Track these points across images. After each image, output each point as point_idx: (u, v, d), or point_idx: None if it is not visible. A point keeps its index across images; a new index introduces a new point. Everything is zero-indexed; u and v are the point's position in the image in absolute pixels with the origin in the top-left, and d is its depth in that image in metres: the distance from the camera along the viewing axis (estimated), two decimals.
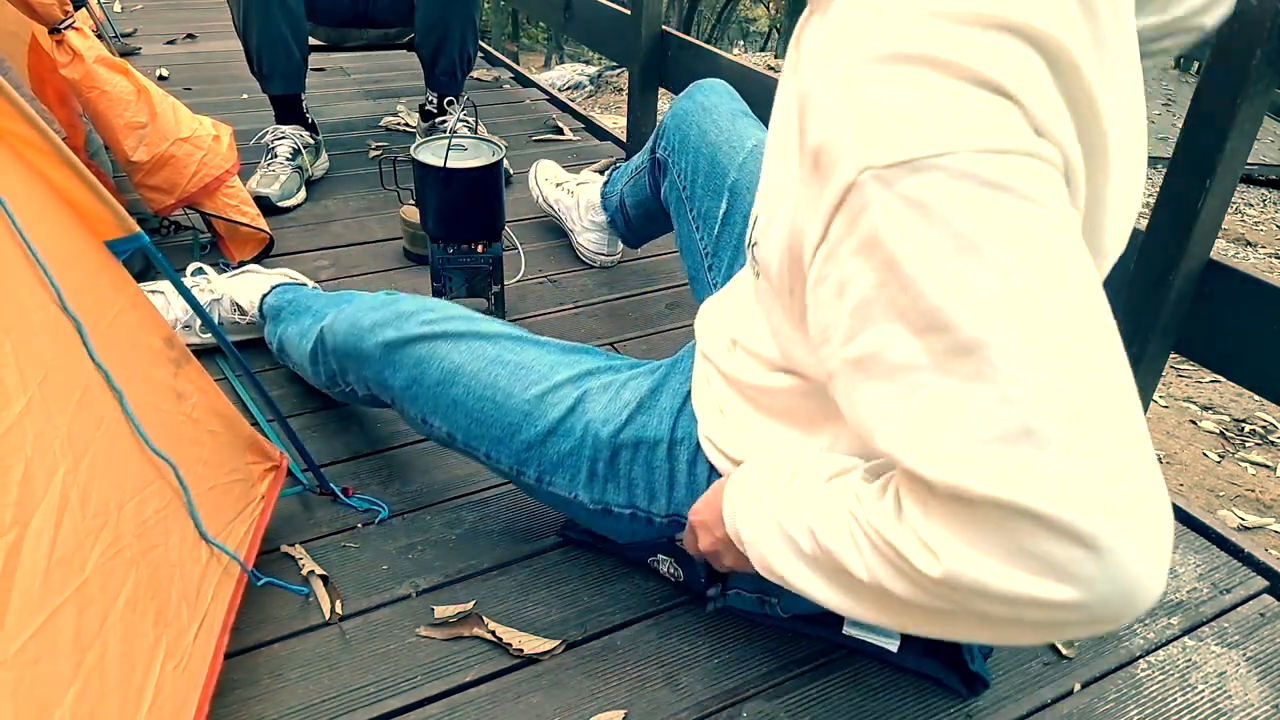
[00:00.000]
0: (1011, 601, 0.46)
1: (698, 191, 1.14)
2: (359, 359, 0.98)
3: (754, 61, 5.75)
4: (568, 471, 0.89)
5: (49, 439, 0.61)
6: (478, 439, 0.92)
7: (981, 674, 0.85)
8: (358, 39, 2.18)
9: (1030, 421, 0.44)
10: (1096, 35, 0.50)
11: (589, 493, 0.89)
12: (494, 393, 0.90)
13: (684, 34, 2.15)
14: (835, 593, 0.59)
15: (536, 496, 0.95)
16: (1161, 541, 0.44)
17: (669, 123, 1.23)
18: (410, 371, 0.94)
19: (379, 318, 0.97)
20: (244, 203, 1.56)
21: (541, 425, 0.88)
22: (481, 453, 0.93)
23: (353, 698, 0.84)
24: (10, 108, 0.67)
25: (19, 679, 0.54)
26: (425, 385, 0.93)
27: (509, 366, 0.91)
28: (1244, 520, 2.07)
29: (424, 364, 0.93)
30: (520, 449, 0.90)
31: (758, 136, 1.13)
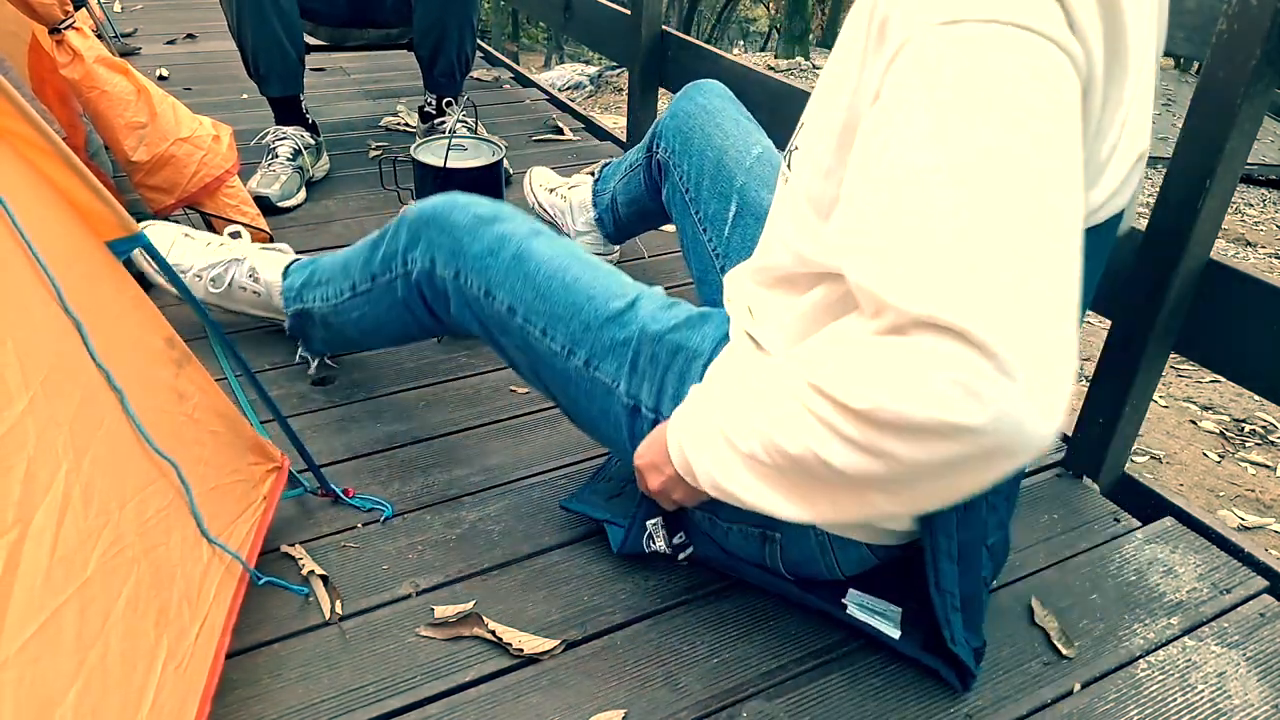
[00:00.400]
0: (922, 431, 0.51)
1: (703, 194, 1.17)
2: (443, 227, 1.01)
3: (754, 61, 5.75)
4: (616, 359, 0.92)
5: (51, 438, 0.61)
6: (538, 314, 0.95)
7: (964, 660, 0.85)
8: (358, 39, 2.18)
9: (978, 260, 0.50)
10: None
11: (628, 384, 0.91)
12: (564, 275, 0.95)
13: (684, 34, 2.15)
14: (781, 494, 0.65)
15: (575, 387, 0.96)
16: (1059, 394, 0.50)
17: (668, 124, 1.24)
18: (490, 244, 0.98)
19: (470, 197, 1.04)
20: (244, 203, 1.57)
21: (603, 310, 0.93)
22: (537, 329, 0.96)
23: (353, 698, 0.84)
24: (10, 108, 0.67)
25: (20, 677, 0.54)
26: (501, 259, 0.98)
27: (580, 261, 0.97)
28: (1244, 520, 2.07)
29: (504, 240, 0.98)
30: (579, 329, 0.93)
31: (763, 143, 1.17)
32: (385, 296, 1.09)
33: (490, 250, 0.98)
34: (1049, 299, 0.50)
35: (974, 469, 0.53)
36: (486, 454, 1.18)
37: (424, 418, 1.24)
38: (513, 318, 0.97)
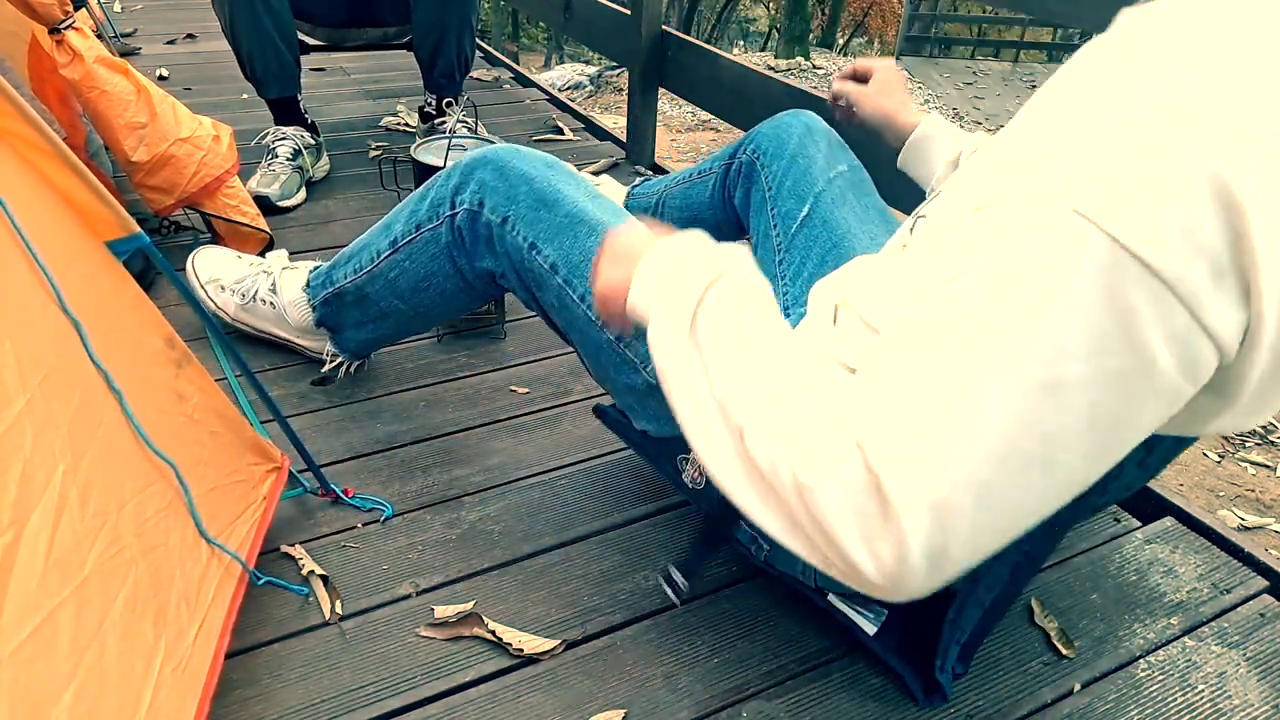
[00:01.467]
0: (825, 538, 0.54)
1: (783, 193, 1.20)
2: (500, 170, 1.02)
3: (754, 61, 5.76)
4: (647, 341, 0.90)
5: (49, 439, 0.61)
6: (581, 278, 0.95)
7: (944, 686, 0.84)
8: (357, 39, 2.18)
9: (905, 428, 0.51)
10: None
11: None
12: None
13: (684, 34, 2.15)
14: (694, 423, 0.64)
15: (604, 355, 0.96)
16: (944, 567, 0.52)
17: (766, 130, 1.28)
18: (546, 196, 0.99)
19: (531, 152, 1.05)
20: (244, 203, 1.56)
21: None
22: (577, 293, 0.96)
23: (353, 698, 0.84)
24: (10, 108, 0.67)
25: (15, 679, 0.54)
26: (554, 213, 0.98)
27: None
28: (1244, 520, 2.07)
29: (560, 198, 0.99)
30: None
31: (851, 164, 1.20)
32: (429, 247, 1.08)
33: (545, 203, 0.98)
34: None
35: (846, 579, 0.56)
36: (486, 454, 1.18)
37: (424, 418, 1.24)
38: (554, 276, 0.97)
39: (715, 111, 2.02)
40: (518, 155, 1.03)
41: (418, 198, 1.11)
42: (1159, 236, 0.46)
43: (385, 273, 1.13)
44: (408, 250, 1.10)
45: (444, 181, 1.07)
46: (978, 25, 11.79)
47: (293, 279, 1.28)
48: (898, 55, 8.89)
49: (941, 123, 1.09)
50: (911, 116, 1.11)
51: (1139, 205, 0.46)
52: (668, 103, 6.62)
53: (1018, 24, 9.57)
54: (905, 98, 1.14)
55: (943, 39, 9.48)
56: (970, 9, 13.14)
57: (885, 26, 14.53)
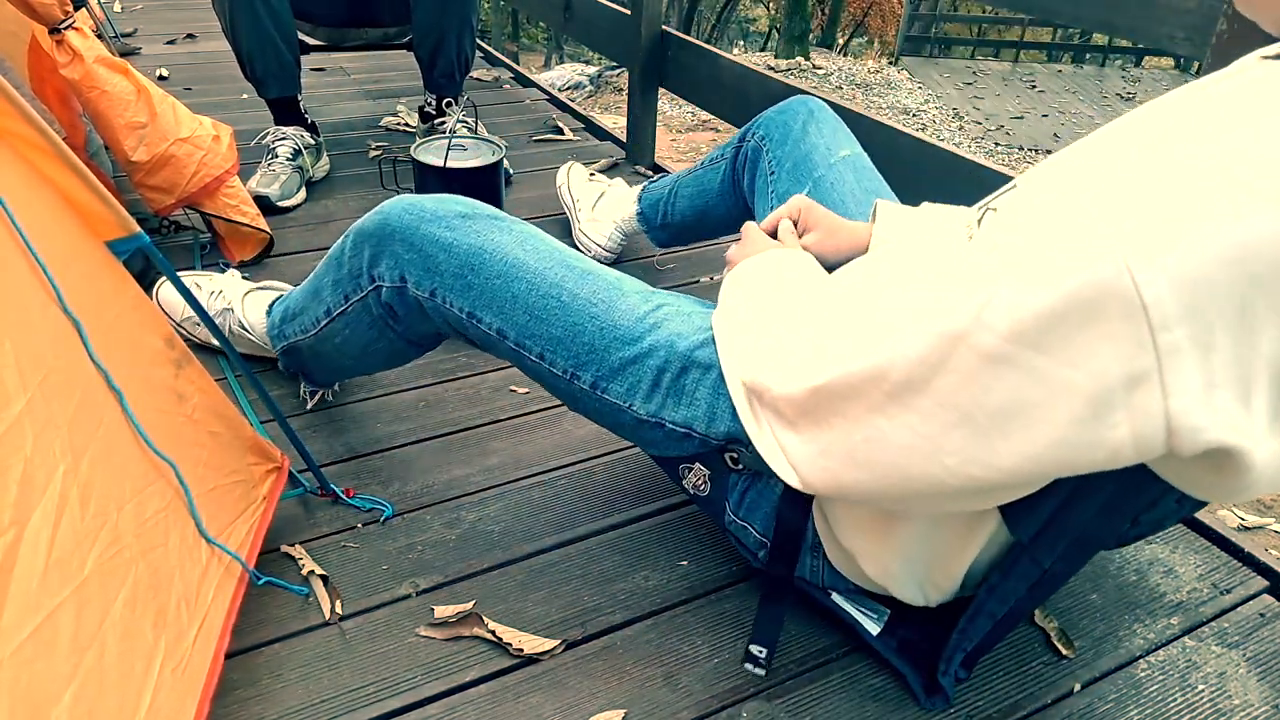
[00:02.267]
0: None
1: (783, 177, 1.20)
2: (408, 240, 0.91)
3: (754, 61, 5.76)
4: (628, 380, 0.86)
5: (49, 439, 0.61)
6: (533, 338, 0.88)
7: (945, 688, 0.84)
8: (357, 39, 2.18)
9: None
10: None
11: (647, 405, 0.86)
12: (560, 292, 0.88)
13: (684, 34, 2.15)
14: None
15: (579, 405, 0.91)
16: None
17: (772, 115, 1.26)
18: (468, 258, 0.89)
19: (439, 199, 0.94)
20: (244, 203, 1.56)
21: (610, 330, 0.86)
22: (533, 354, 0.89)
23: (353, 698, 0.84)
24: (10, 108, 0.67)
25: (15, 679, 0.54)
26: (484, 275, 0.89)
27: (576, 271, 0.89)
28: (1244, 520, 2.07)
29: (485, 255, 0.89)
30: (582, 351, 0.87)
31: (855, 150, 1.19)
32: (363, 317, 1.00)
33: (469, 266, 0.89)
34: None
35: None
36: (486, 454, 1.18)
37: (424, 418, 1.24)
38: (503, 341, 0.90)
39: (715, 111, 2.02)
40: (423, 217, 0.92)
41: (335, 264, 1.02)
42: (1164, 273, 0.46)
43: (330, 338, 1.07)
44: (344, 320, 1.03)
45: (355, 249, 0.97)
46: (978, 25, 11.79)
47: (256, 306, 1.25)
48: (898, 55, 8.89)
49: (889, 211, 0.98)
50: (859, 229, 0.99)
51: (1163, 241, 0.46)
52: (668, 103, 6.62)
53: (1018, 24, 9.57)
54: (833, 223, 1.00)
55: (943, 39, 9.48)
56: (970, 9, 13.14)
57: (885, 26, 14.53)
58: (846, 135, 1.21)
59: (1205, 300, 0.46)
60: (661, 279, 1.66)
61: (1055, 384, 0.51)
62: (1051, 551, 0.70)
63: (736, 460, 0.85)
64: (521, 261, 0.89)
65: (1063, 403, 0.51)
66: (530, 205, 1.92)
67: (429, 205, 0.93)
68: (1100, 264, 0.48)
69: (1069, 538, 0.69)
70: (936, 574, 0.80)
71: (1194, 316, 0.46)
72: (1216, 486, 0.55)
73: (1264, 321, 0.46)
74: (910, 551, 0.78)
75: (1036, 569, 0.72)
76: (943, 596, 0.83)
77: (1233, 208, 0.46)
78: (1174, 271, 0.46)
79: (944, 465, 0.57)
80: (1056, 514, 0.67)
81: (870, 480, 0.63)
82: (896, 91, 7.83)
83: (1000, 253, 0.54)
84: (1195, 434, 0.49)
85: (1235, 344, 0.47)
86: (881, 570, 0.80)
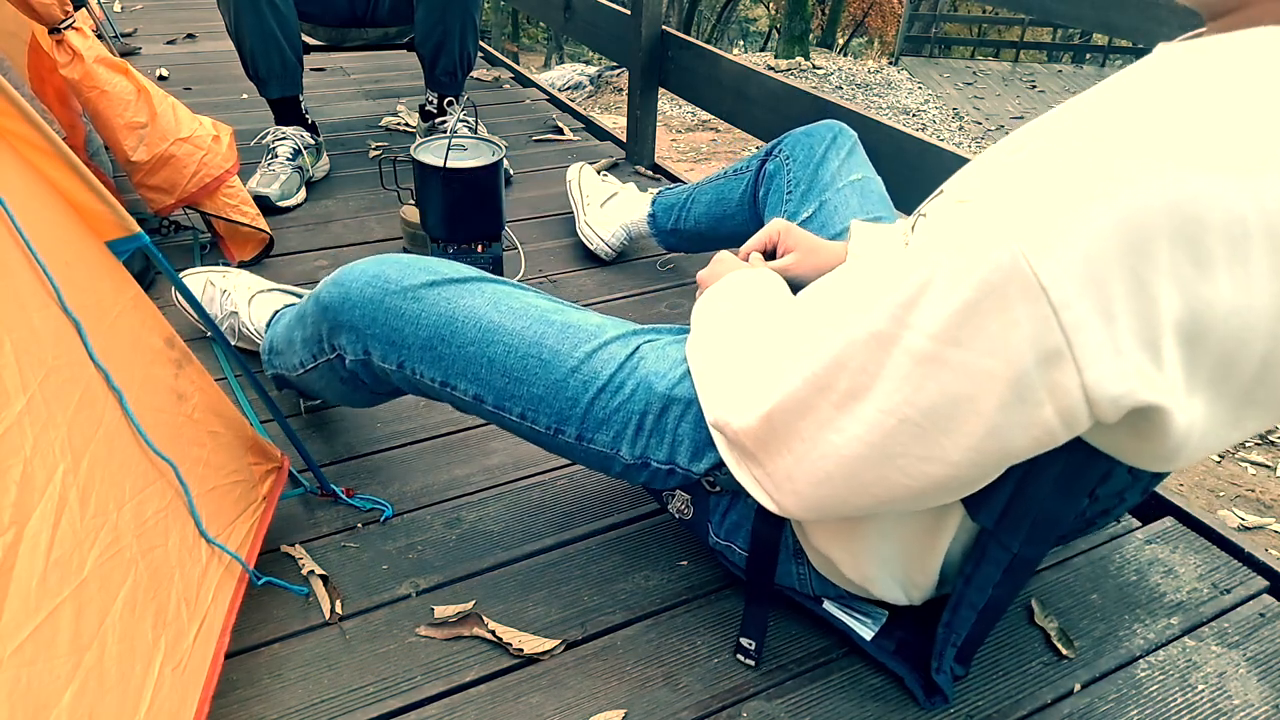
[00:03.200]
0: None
1: (796, 196, 1.22)
2: (370, 313, 0.88)
3: (754, 61, 5.76)
4: (612, 428, 0.85)
5: (49, 439, 0.61)
6: (513, 399, 0.87)
7: (943, 688, 0.84)
8: (357, 39, 2.18)
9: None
10: None
11: (632, 449, 0.86)
12: (539, 350, 0.85)
13: (684, 34, 2.15)
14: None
15: (569, 454, 0.90)
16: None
17: (799, 136, 1.28)
18: (437, 328, 0.87)
19: (404, 266, 0.90)
20: (244, 203, 1.56)
21: (591, 381, 0.85)
22: (514, 414, 0.87)
23: (353, 698, 0.84)
24: (10, 107, 0.67)
25: (16, 679, 0.54)
26: (455, 344, 0.87)
27: (555, 325, 0.87)
28: (1244, 520, 2.07)
29: (455, 322, 0.87)
30: (564, 407, 0.85)
31: (865, 172, 1.21)
32: (335, 373, 0.98)
33: (439, 337, 0.86)
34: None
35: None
36: (486, 454, 1.18)
37: (424, 418, 1.24)
38: (481, 405, 0.88)
39: (715, 111, 2.02)
40: (387, 290, 0.88)
41: (300, 321, 1.00)
42: (1055, 255, 0.49)
43: (312, 382, 1.04)
44: (317, 374, 1.01)
45: (316, 317, 0.94)
46: (978, 25, 11.80)
47: (260, 315, 1.26)
48: (897, 55, 8.89)
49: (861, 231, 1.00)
50: (838, 249, 1.02)
51: (1051, 225, 0.50)
52: (668, 103, 6.62)
53: (1018, 24, 9.57)
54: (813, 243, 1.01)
55: (943, 39, 9.49)
56: (970, 9, 13.14)
57: (885, 26, 14.53)
58: (861, 160, 1.23)
59: (1099, 274, 0.49)
60: (661, 280, 1.66)
61: (978, 375, 0.54)
62: (1016, 534, 0.72)
63: (714, 483, 0.86)
64: (497, 324, 0.86)
65: (988, 392, 0.54)
66: (530, 205, 1.92)
67: (392, 275, 0.89)
68: (997, 253, 0.51)
69: (1030, 518, 0.70)
70: (913, 571, 0.80)
71: (1091, 290, 0.49)
72: (1149, 452, 0.58)
73: (1158, 286, 0.49)
74: (882, 552, 0.79)
75: (1006, 554, 0.73)
76: (925, 594, 0.84)
77: (1108, 186, 0.49)
78: (1065, 252, 0.49)
79: (898, 468, 0.60)
80: (1014, 497, 0.69)
81: (839, 495, 0.65)
82: (896, 91, 7.83)
83: (915, 255, 0.56)
84: (1115, 401, 0.52)
85: (1136, 310, 0.50)
86: (860, 574, 0.81)
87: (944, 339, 0.54)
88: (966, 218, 0.54)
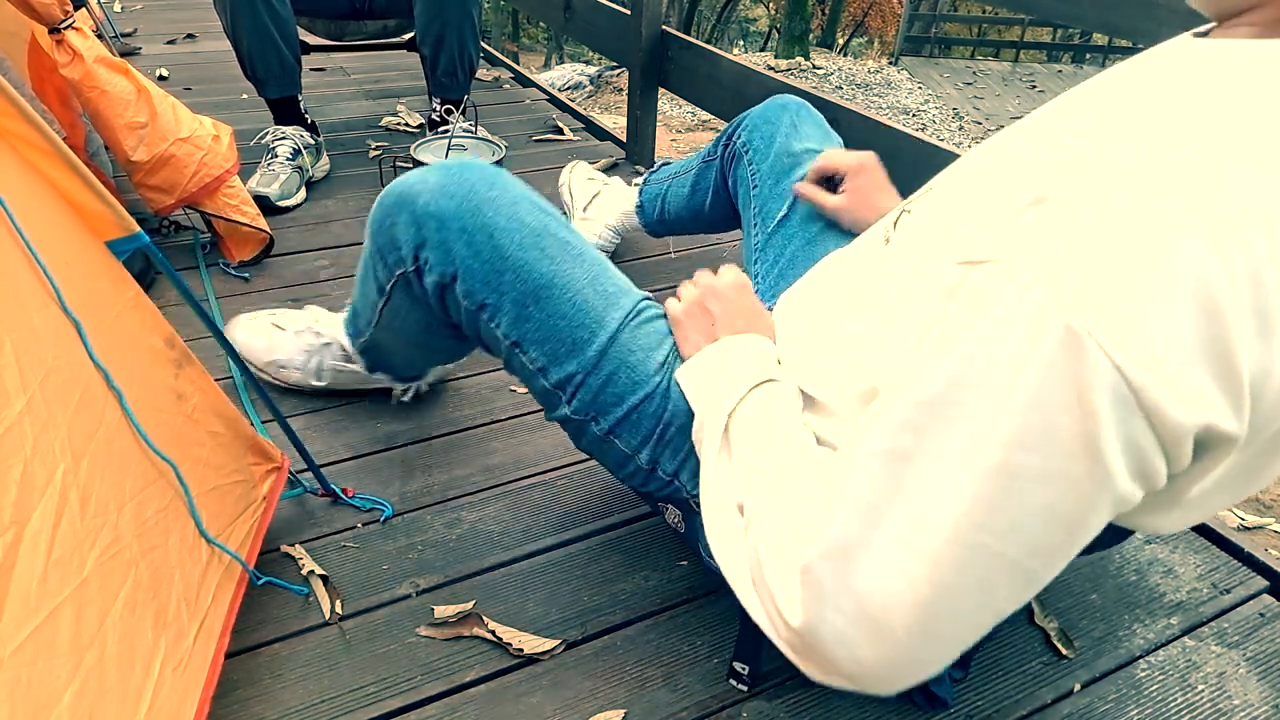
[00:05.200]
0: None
1: (765, 190, 1.17)
2: (481, 249, 0.83)
3: (754, 61, 5.76)
4: (641, 430, 0.84)
5: (49, 439, 0.61)
6: (571, 382, 0.84)
7: (943, 697, 0.83)
8: (356, 32, 2.18)
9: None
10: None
11: (651, 453, 0.84)
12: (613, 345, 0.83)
13: (684, 34, 2.15)
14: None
15: (592, 447, 0.89)
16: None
17: (755, 120, 1.23)
18: (535, 289, 0.83)
19: (529, 204, 0.86)
20: (244, 203, 1.56)
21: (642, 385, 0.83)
22: (567, 393, 0.85)
23: (353, 698, 0.84)
24: (10, 107, 0.67)
25: (16, 679, 0.54)
26: (546, 312, 0.83)
27: (634, 320, 0.84)
28: (1244, 520, 2.07)
29: (554, 288, 0.83)
30: (611, 402, 0.83)
31: (823, 144, 1.17)
32: (406, 296, 0.93)
33: (536, 297, 0.83)
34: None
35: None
36: (486, 454, 1.18)
37: (424, 418, 1.24)
38: (540, 378, 0.86)
39: (715, 111, 2.02)
40: (498, 210, 0.83)
41: (372, 254, 0.94)
42: (1137, 342, 0.43)
43: (391, 334, 1.02)
44: (390, 307, 0.97)
45: (407, 223, 0.86)
46: (978, 25, 11.79)
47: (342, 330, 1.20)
48: (897, 56, 8.89)
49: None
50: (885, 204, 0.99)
51: (1122, 309, 0.44)
52: (668, 103, 6.62)
53: (1018, 24, 9.57)
54: (888, 197, 0.99)
55: (943, 39, 9.49)
56: (970, 9, 13.14)
57: (885, 26, 14.53)
58: (825, 136, 1.19)
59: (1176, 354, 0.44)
60: (663, 279, 1.66)
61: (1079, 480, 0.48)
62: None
63: (699, 504, 0.84)
64: (589, 305, 0.83)
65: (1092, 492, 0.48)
66: None
67: (504, 201, 0.84)
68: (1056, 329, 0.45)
69: None
70: None
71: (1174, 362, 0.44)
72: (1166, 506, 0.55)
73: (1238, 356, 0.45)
74: None
75: None
76: None
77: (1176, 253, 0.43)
78: (1147, 332, 0.44)
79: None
80: None
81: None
82: (896, 91, 7.83)
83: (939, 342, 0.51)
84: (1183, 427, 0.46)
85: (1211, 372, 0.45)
86: None
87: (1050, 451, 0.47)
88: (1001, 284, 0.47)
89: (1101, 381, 0.44)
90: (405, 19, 2.15)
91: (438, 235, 0.84)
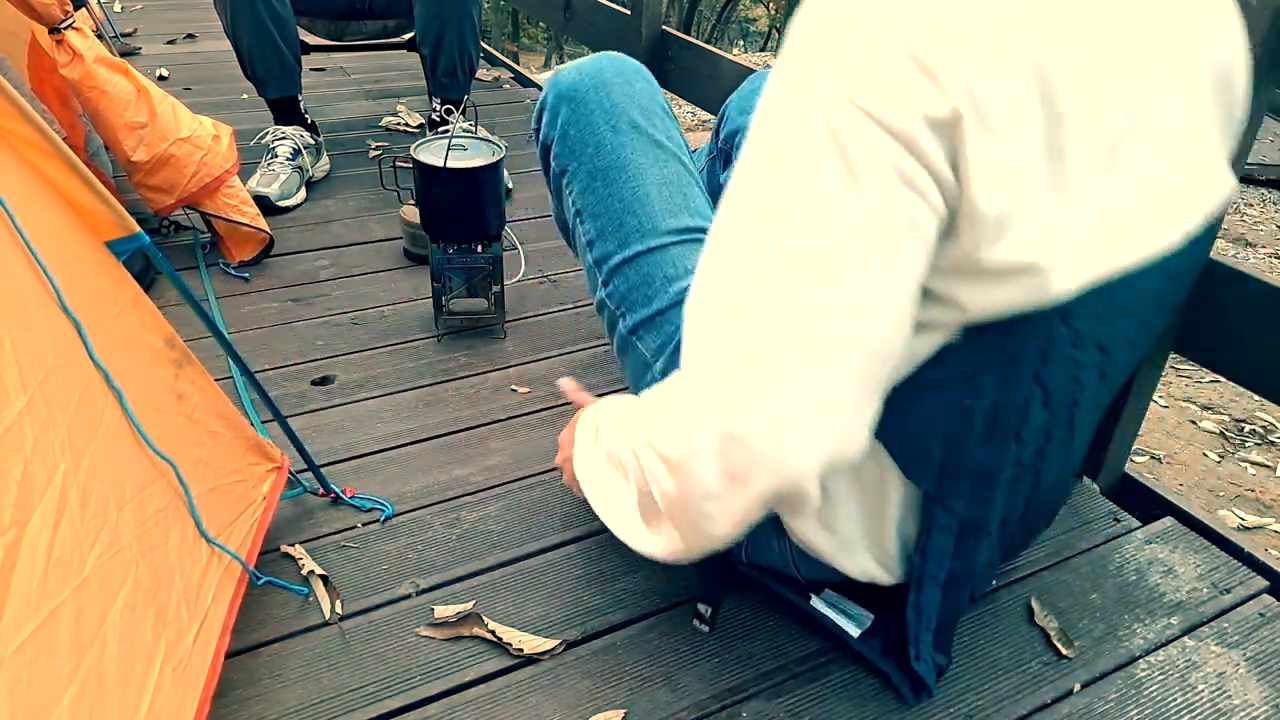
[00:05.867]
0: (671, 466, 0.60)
1: None
2: (578, 120, 0.94)
3: (754, 61, 5.75)
4: (662, 334, 0.88)
5: (49, 439, 0.61)
6: (610, 265, 0.91)
7: (925, 678, 0.83)
8: (356, 32, 2.18)
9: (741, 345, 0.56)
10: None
11: (665, 362, 0.88)
12: (656, 236, 0.89)
13: (684, 34, 2.15)
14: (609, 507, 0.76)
15: (619, 345, 0.94)
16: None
17: (732, 112, 1.24)
18: (607, 167, 0.91)
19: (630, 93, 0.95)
20: (244, 203, 1.57)
21: (672, 283, 0.88)
22: (604, 273, 0.92)
23: (353, 698, 0.84)
24: (10, 108, 0.67)
25: (16, 679, 0.54)
26: (612, 193, 0.91)
27: (684, 211, 0.90)
28: (1244, 520, 2.07)
29: (621, 177, 0.91)
30: (643, 300, 0.89)
31: None
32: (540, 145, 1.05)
33: (603, 176, 0.91)
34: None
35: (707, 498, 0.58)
36: (486, 454, 1.18)
37: (424, 418, 1.24)
38: (588, 252, 0.93)
39: (715, 111, 2.02)
40: (609, 93, 0.92)
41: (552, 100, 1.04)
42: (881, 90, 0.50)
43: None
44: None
45: (549, 85, 1.00)
46: None
47: None
48: None
49: None
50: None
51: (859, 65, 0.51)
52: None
53: None
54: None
55: None
56: None
57: None
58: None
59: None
60: None
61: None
62: (957, 494, 0.71)
63: None
64: (649, 201, 0.90)
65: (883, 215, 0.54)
66: (530, 205, 1.92)
67: (615, 87, 0.93)
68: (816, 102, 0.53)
69: (966, 473, 0.70)
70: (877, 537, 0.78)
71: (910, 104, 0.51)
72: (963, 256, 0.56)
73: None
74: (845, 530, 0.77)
75: (951, 517, 0.73)
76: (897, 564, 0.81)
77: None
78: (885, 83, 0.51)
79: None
80: (946, 455, 0.69)
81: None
82: None
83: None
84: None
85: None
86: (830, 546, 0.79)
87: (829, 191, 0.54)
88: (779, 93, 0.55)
89: (836, 112, 0.51)
90: (405, 19, 2.15)
91: (554, 102, 0.96)
